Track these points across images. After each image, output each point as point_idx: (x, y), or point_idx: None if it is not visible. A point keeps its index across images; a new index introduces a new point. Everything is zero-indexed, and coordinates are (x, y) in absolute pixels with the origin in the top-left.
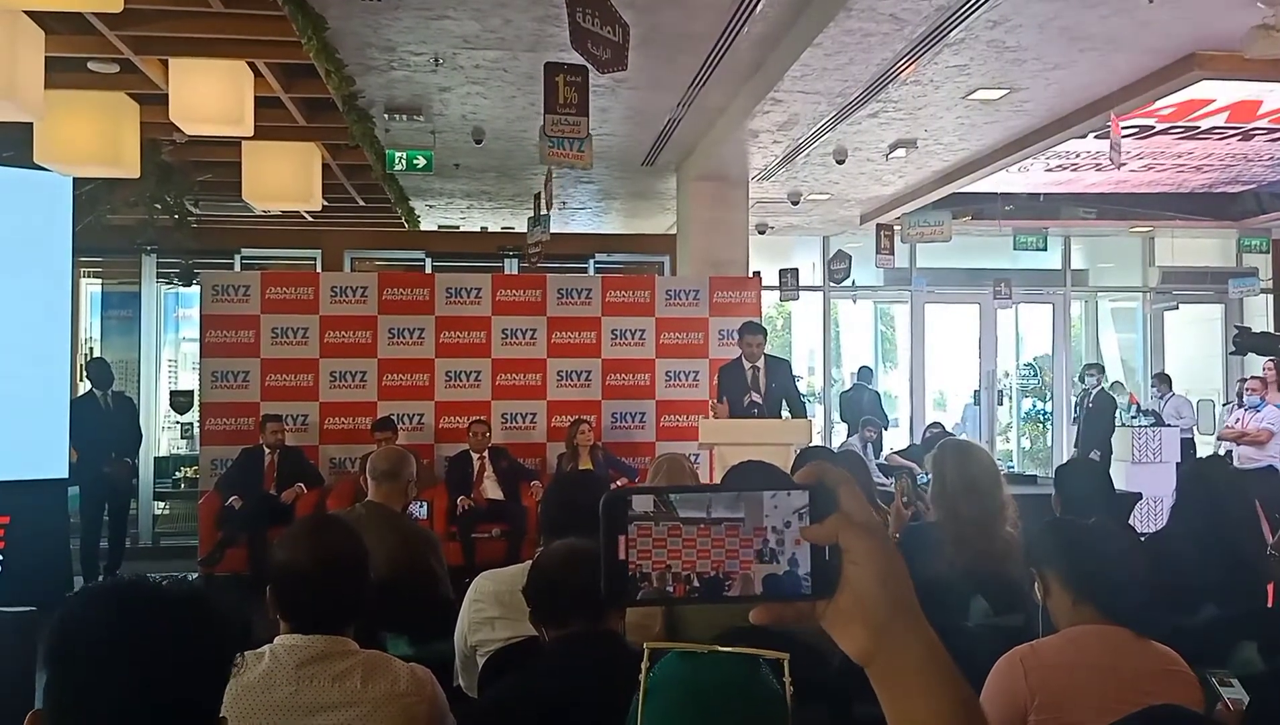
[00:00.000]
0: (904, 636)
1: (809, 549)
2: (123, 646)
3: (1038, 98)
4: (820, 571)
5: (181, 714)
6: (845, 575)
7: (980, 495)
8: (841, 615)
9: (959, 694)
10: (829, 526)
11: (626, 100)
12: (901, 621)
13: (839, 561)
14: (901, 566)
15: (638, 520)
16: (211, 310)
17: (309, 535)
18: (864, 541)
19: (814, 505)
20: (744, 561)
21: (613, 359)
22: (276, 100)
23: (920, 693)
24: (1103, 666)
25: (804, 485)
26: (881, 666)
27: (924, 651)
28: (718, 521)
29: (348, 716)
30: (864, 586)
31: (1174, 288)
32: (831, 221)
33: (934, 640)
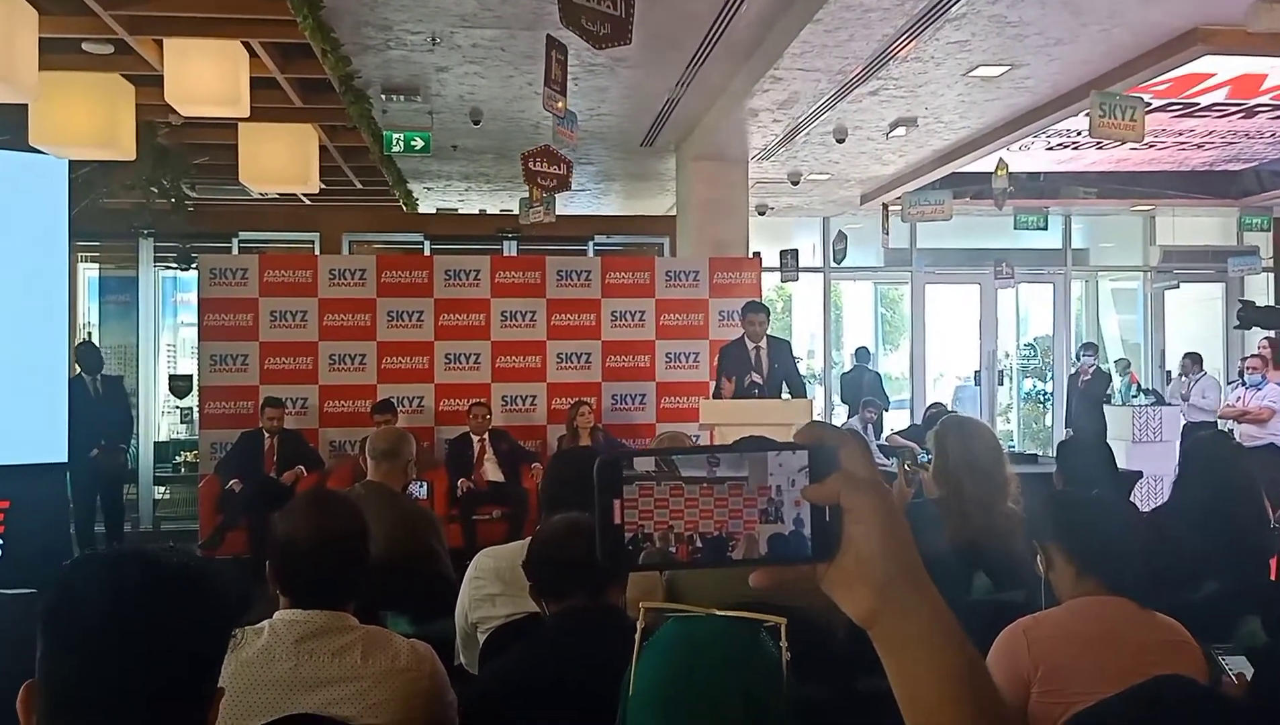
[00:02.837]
0: (909, 596)
1: (810, 510)
2: (118, 616)
3: (1039, 74)
4: (821, 532)
5: (178, 684)
6: (848, 535)
7: (982, 472)
8: (844, 576)
9: (965, 654)
10: (830, 485)
11: (625, 79)
12: (906, 581)
13: (840, 522)
14: (905, 525)
15: (639, 480)
16: (209, 293)
17: (309, 509)
18: (867, 499)
19: (814, 465)
20: (748, 522)
21: (612, 341)
22: (272, 81)
23: (925, 653)
24: (1106, 638)
25: (804, 445)
26: (885, 628)
27: (929, 611)
28: (720, 481)
29: (347, 691)
30: (867, 545)
31: (1175, 267)
32: (831, 202)
33: (939, 600)
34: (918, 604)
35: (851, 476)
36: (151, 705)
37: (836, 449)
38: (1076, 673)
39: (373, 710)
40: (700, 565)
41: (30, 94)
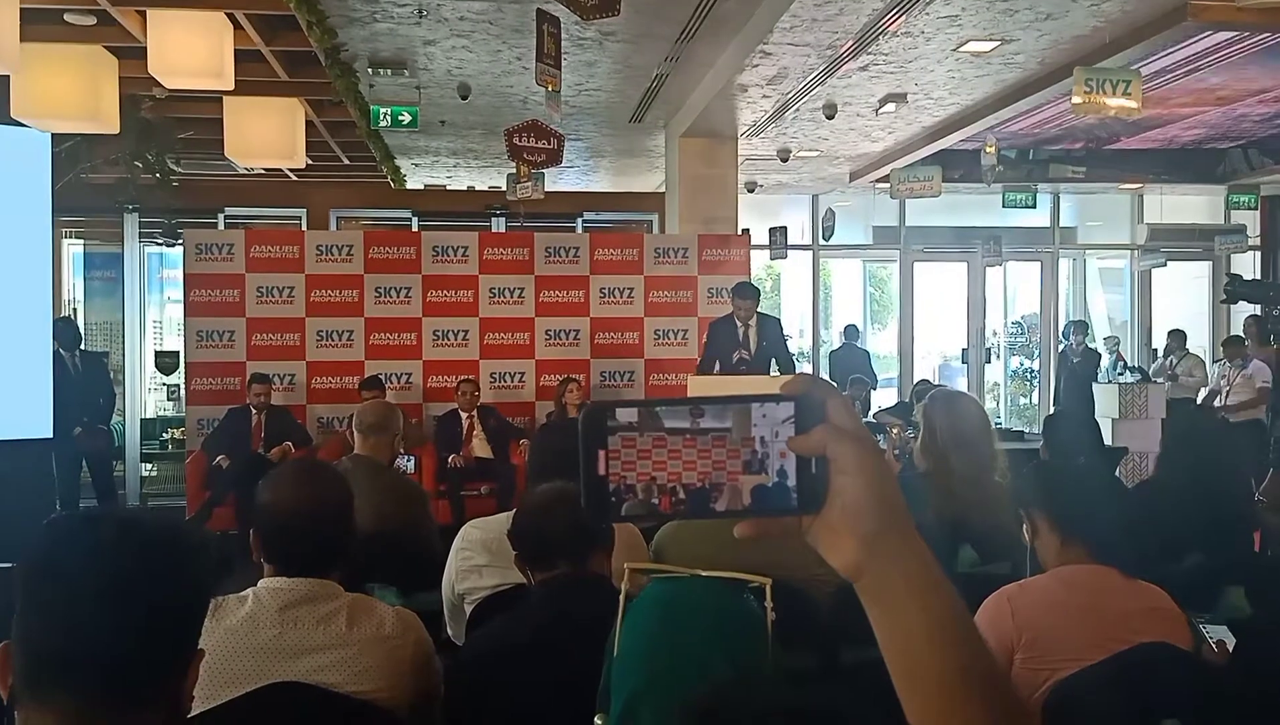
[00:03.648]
0: (895, 548)
1: (795, 462)
2: (94, 574)
3: (1029, 49)
4: (807, 484)
5: (156, 644)
6: (834, 486)
7: (969, 445)
8: (830, 529)
9: (952, 605)
10: (816, 436)
11: (613, 54)
12: (892, 532)
13: (826, 474)
14: (892, 477)
15: (621, 431)
16: (195, 269)
17: (294, 477)
18: (853, 450)
19: (800, 416)
20: (731, 472)
21: (601, 317)
22: (257, 54)
23: (912, 605)
24: (1090, 605)
25: (790, 396)
26: (871, 580)
27: (915, 563)
28: (704, 432)
29: (333, 658)
30: (853, 497)
31: (1162, 245)
32: (821, 179)
33: (925, 551)
34: (904, 554)
35: (838, 427)
36: (128, 665)
37: (823, 400)
38: (1061, 640)
39: (358, 677)
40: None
41: (11, 65)
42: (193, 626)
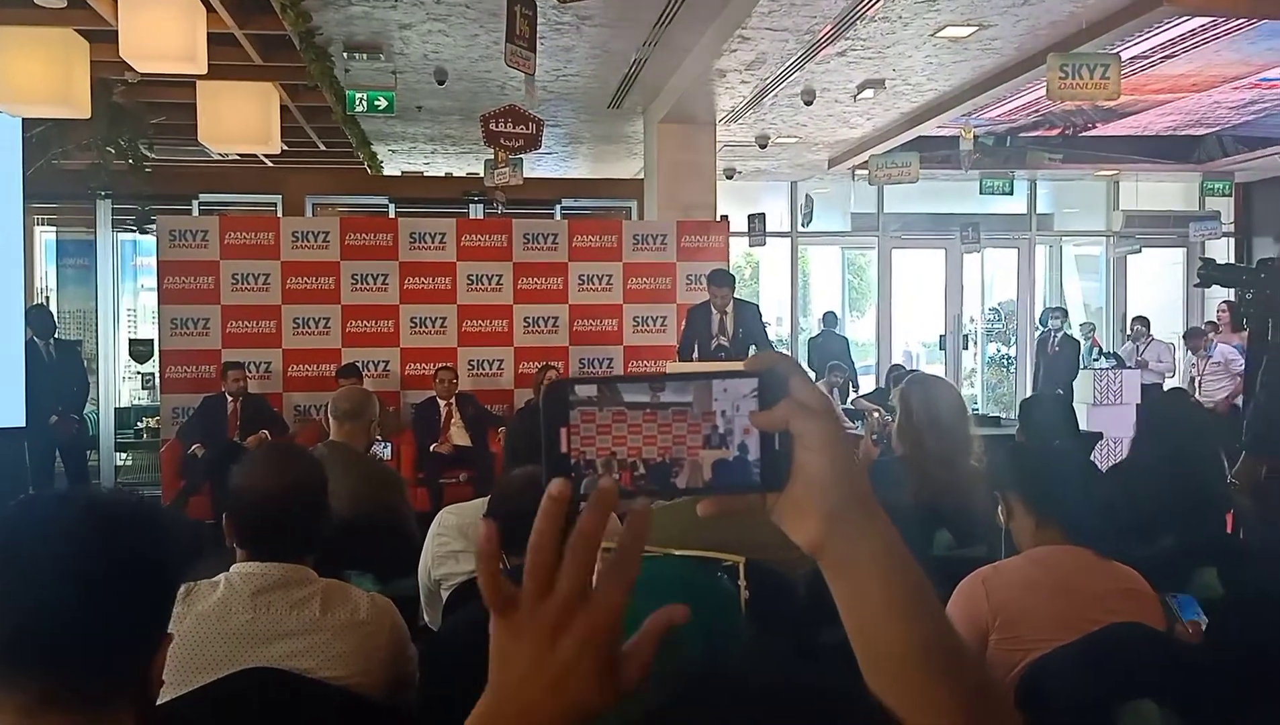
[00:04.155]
0: (858, 523)
1: (759, 439)
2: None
3: (1006, 35)
4: (770, 461)
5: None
6: (797, 462)
7: (945, 429)
8: (793, 505)
9: (915, 579)
10: (779, 412)
11: (591, 39)
12: (855, 508)
13: (790, 450)
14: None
15: (583, 406)
16: (168, 256)
17: (268, 461)
18: (816, 426)
19: (764, 392)
20: (691, 447)
21: (580, 304)
22: (231, 37)
23: (875, 578)
24: (1065, 586)
25: (753, 372)
26: (835, 556)
27: (878, 538)
28: (664, 406)
29: (306, 644)
30: (817, 472)
31: (1137, 232)
32: (799, 166)
33: (889, 526)
34: (867, 529)
35: (801, 403)
36: (94, 648)
37: (786, 376)
38: (1035, 621)
39: (332, 663)
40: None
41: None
42: (161, 609)
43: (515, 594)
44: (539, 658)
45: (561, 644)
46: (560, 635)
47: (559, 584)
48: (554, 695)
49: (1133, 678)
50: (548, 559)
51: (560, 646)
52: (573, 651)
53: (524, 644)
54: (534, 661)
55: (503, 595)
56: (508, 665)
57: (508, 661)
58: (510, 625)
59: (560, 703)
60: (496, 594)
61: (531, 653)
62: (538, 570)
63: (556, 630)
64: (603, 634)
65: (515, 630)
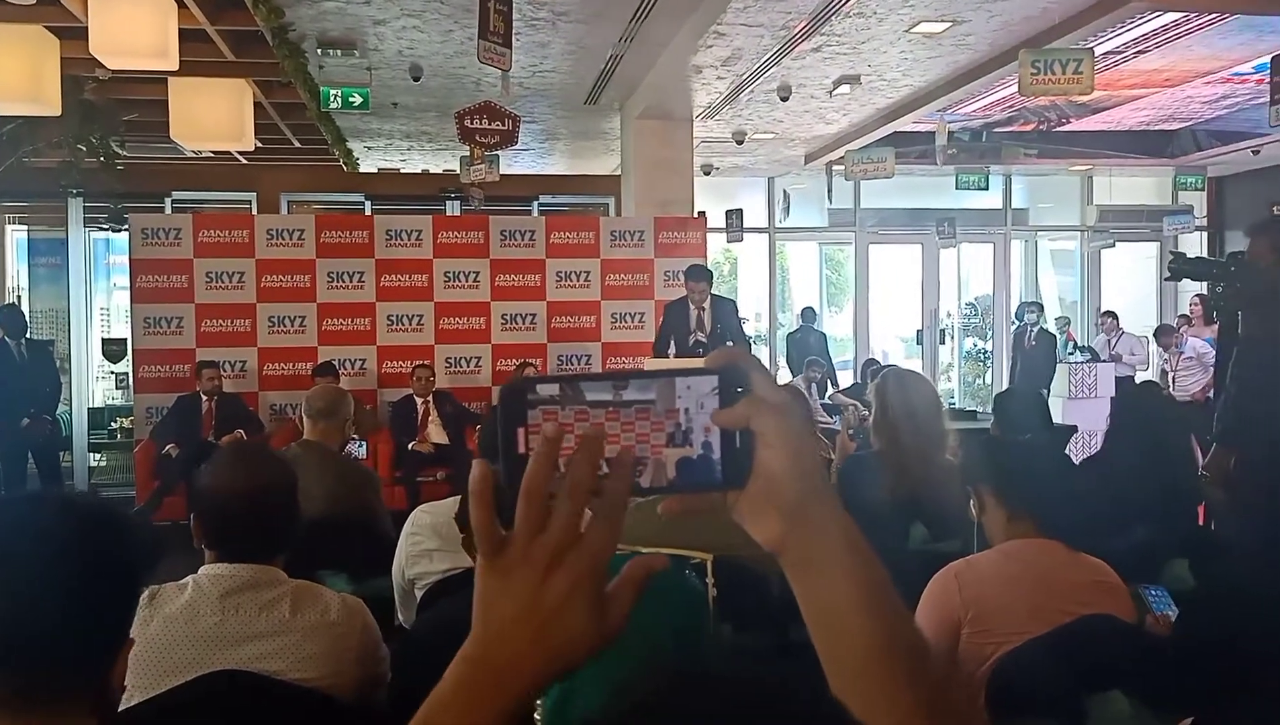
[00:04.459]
0: (818, 520)
1: (720, 436)
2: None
3: (980, 31)
4: (731, 459)
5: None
6: (758, 460)
7: (921, 423)
8: (754, 503)
9: (875, 576)
10: (740, 409)
11: (567, 34)
12: (815, 504)
13: (751, 447)
14: (815, 449)
15: (541, 405)
16: (141, 254)
17: (235, 462)
18: (775, 422)
19: (724, 389)
20: (655, 446)
21: (557, 301)
22: (203, 33)
23: (834, 574)
24: (1036, 579)
25: (714, 369)
26: (795, 553)
27: (838, 534)
28: (627, 404)
29: (276, 645)
30: (777, 469)
31: (1111, 226)
32: (776, 162)
33: (849, 523)
34: (827, 524)
35: (761, 400)
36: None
37: (747, 373)
38: (1007, 613)
39: (302, 664)
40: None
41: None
42: (123, 613)
43: (506, 537)
44: (529, 598)
45: (553, 582)
46: (551, 574)
47: (553, 522)
48: (542, 638)
49: (1103, 669)
50: (541, 498)
51: (551, 586)
52: (564, 590)
53: (515, 583)
54: (524, 603)
55: (494, 536)
56: (495, 609)
57: (495, 605)
58: (500, 566)
59: (548, 646)
60: (488, 534)
61: (522, 593)
62: (531, 509)
63: (549, 569)
64: (591, 574)
65: (505, 570)
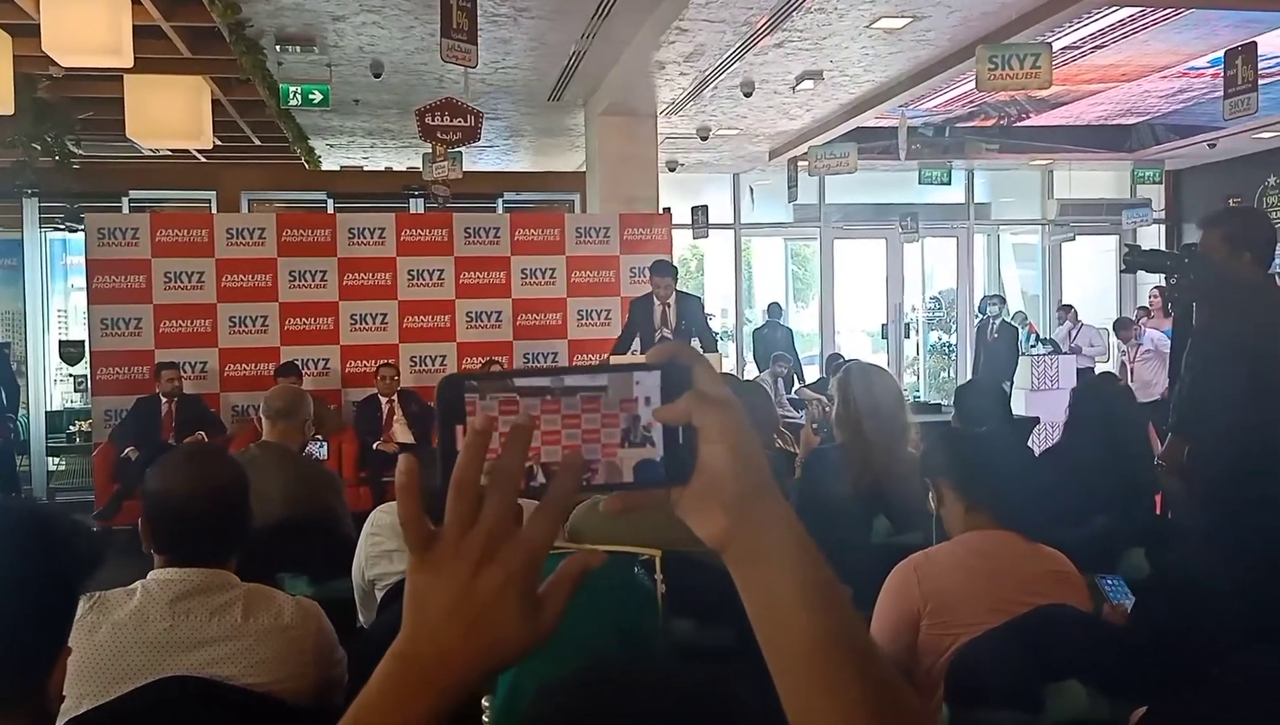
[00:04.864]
0: (761, 515)
1: (663, 432)
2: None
3: (939, 27)
4: (674, 455)
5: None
6: (701, 455)
7: (883, 417)
8: (697, 499)
9: (818, 572)
10: (682, 405)
11: (529, 30)
12: (758, 500)
13: (694, 443)
14: (757, 443)
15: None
16: (97, 254)
17: (184, 462)
18: (718, 417)
19: (666, 384)
20: (597, 443)
21: (523, 299)
22: (157, 29)
23: (776, 569)
24: (993, 570)
25: (656, 364)
26: (738, 549)
27: (781, 529)
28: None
29: (228, 650)
30: (719, 464)
31: (1072, 220)
32: (741, 158)
33: (792, 518)
34: (769, 519)
35: (703, 395)
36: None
37: (689, 368)
38: (965, 605)
39: (255, 669)
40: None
41: None
42: (59, 620)
43: (436, 531)
44: (460, 594)
45: (484, 578)
46: (483, 569)
47: (483, 516)
48: (473, 634)
49: (1059, 659)
50: (472, 493)
51: (482, 581)
52: (495, 586)
53: (445, 579)
54: (455, 598)
55: (424, 531)
56: (426, 606)
57: (426, 602)
58: (431, 561)
59: (479, 642)
60: (417, 529)
61: (453, 588)
62: (462, 503)
63: (480, 564)
64: (525, 570)
65: (436, 566)
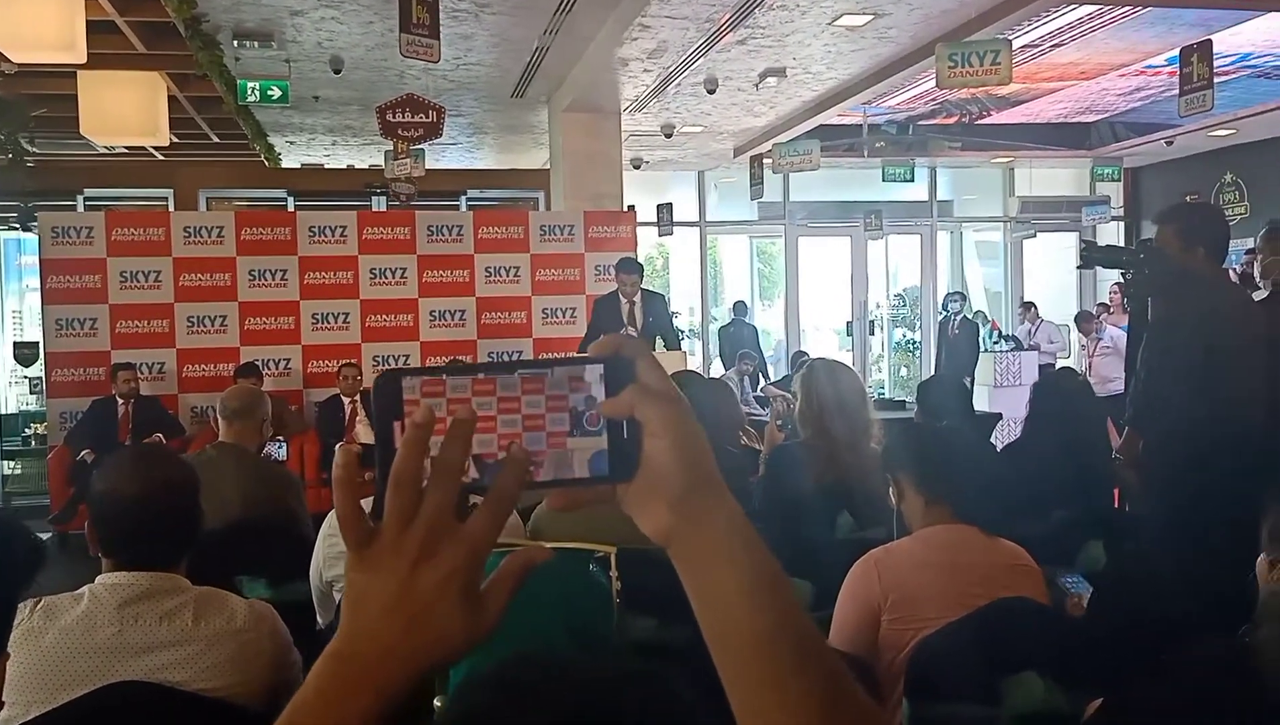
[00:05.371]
0: (705, 510)
1: (607, 427)
2: None
3: (901, 24)
4: (619, 450)
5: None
6: (645, 450)
7: (847, 413)
8: (641, 494)
9: (762, 567)
10: (624, 398)
11: (490, 26)
12: (701, 494)
13: (639, 437)
14: (702, 437)
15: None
16: (51, 254)
17: (130, 464)
18: (661, 410)
19: (610, 378)
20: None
21: (487, 297)
22: (112, 25)
23: (721, 564)
24: (953, 564)
25: (599, 358)
26: (683, 544)
27: (725, 523)
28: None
29: (178, 655)
30: (662, 458)
31: (1032, 217)
32: (706, 155)
33: (736, 513)
34: (714, 515)
35: (646, 388)
36: None
37: (632, 361)
38: (925, 599)
39: (207, 674)
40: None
41: None
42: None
43: (375, 528)
44: (398, 591)
45: (423, 575)
46: (422, 566)
47: (422, 512)
48: (412, 631)
49: (1017, 651)
50: (411, 488)
51: (421, 578)
52: (435, 583)
53: (383, 576)
54: (394, 595)
55: (362, 527)
56: (364, 603)
57: (364, 599)
58: (369, 558)
59: (418, 640)
60: (355, 525)
61: (391, 586)
62: (401, 498)
63: (419, 561)
64: (466, 567)
65: (374, 563)
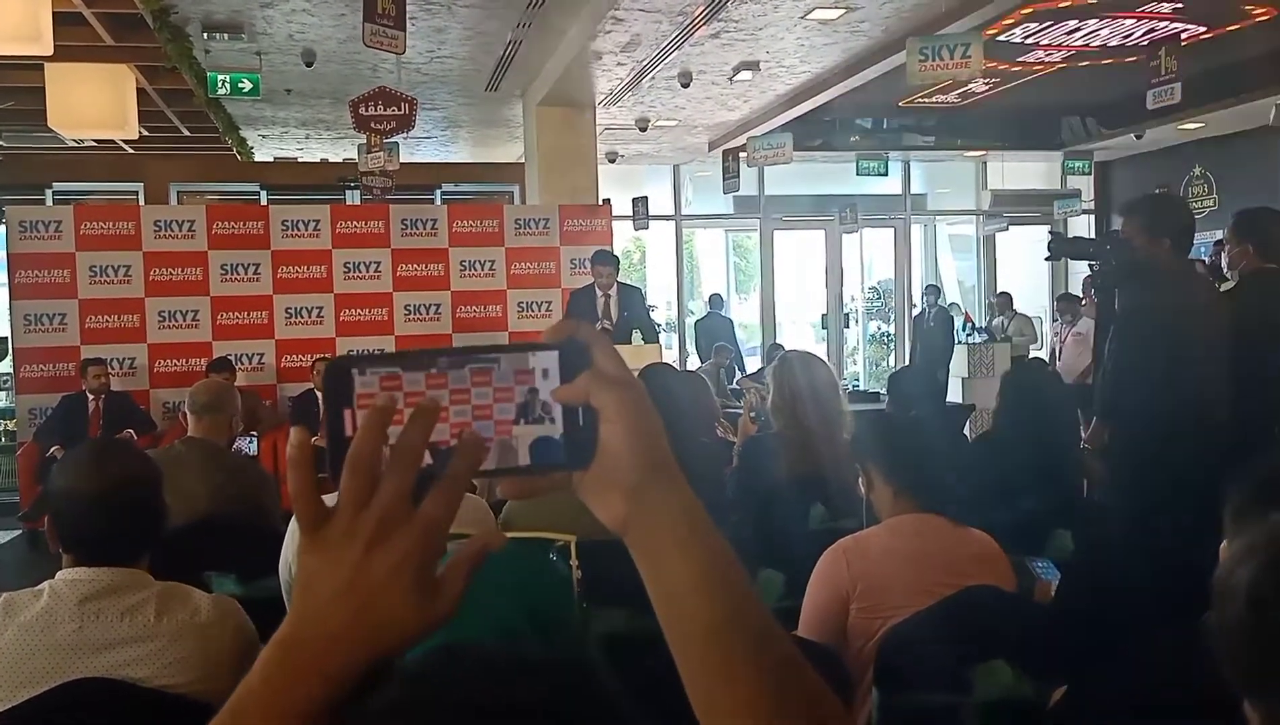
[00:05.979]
0: (658, 497)
1: (563, 413)
2: None
3: (873, 18)
4: (575, 437)
5: None
6: (600, 438)
7: (819, 404)
8: (597, 482)
9: (716, 556)
10: (580, 384)
11: (464, 19)
12: (656, 481)
13: (594, 424)
14: (658, 424)
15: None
16: (19, 249)
17: (90, 458)
18: (616, 396)
19: (565, 364)
20: (496, 424)
21: (462, 291)
22: (79, 16)
23: (676, 553)
24: (921, 553)
25: (554, 344)
26: (638, 532)
27: (680, 511)
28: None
29: (141, 652)
30: (617, 445)
31: (1005, 210)
32: (681, 149)
33: (691, 498)
34: (669, 502)
35: (601, 374)
36: None
37: (587, 347)
38: (893, 588)
39: (169, 670)
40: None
41: None
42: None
43: (329, 509)
44: (351, 575)
45: (376, 558)
46: (376, 549)
47: (378, 495)
48: (363, 616)
49: (985, 639)
50: (367, 470)
51: (374, 562)
52: (387, 568)
53: (336, 559)
54: (345, 579)
55: (315, 508)
56: (314, 587)
57: (314, 583)
58: (321, 540)
59: (369, 624)
60: (309, 507)
61: (343, 569)
62: (357, 481)
63: (372, 544)
64: (419, 553)
65: (326, 545)
